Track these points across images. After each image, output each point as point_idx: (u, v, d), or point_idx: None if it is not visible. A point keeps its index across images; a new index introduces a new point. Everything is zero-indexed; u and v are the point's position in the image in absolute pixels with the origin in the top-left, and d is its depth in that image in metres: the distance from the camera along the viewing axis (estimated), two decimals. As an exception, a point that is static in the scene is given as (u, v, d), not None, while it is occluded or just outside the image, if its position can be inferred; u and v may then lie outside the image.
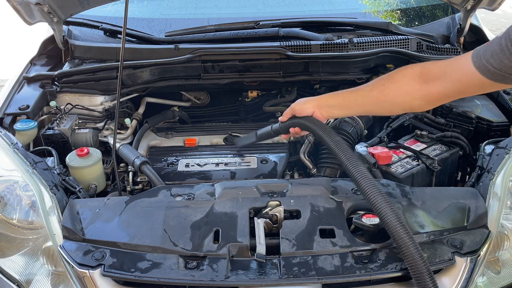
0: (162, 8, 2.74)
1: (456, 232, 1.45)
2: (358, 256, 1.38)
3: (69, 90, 2.15)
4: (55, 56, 2.39)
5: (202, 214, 1.50)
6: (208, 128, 2.29)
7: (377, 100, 1.56)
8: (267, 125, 2.27)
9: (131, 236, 1.43)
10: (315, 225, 1.44)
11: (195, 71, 2.21)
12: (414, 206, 1.52)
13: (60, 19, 2.18)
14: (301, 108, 1.67)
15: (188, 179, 1.89)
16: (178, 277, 1.32)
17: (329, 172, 1.94)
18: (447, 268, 1.38)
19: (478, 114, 1.97)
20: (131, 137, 2.17)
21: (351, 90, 1.64)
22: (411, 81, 1.48)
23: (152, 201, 1.56)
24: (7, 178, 1.56)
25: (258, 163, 1.97)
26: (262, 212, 1.51)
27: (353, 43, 2.24)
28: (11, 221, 1.49)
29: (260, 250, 1.34)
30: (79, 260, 1.37)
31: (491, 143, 1.76)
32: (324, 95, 1.70)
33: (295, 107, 1.69)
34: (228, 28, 2.35)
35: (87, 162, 1.81)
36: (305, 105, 1.67)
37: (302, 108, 1.67)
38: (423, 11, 2.79)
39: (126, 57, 2.05)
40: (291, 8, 2.70)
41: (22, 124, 1.88)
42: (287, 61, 2.19)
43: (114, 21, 2.42)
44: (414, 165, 1.77)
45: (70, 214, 1.50)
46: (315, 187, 1.57)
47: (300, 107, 1.68)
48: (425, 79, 1.46)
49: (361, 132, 2.09)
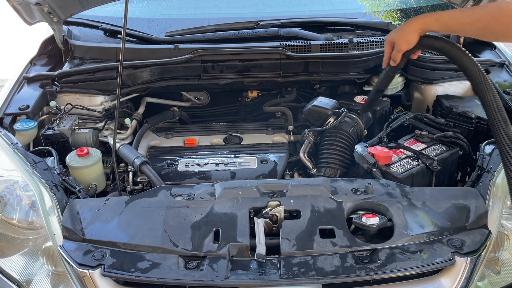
0: (162, 8, 2.74)
1: (456, 232, 1.45)
2: (358, 256, 1.38)
3: (69, 90, 2.15)
4: (55, 56, 2.39)
5: (202, 214, 1.50)
6: (208, 128, 2.29)
7: (484, 29, 1.49)
8: (267, 124, 2.29)
9: (131, 236, 1.43)
10: (315, 225, 1.44)
11: (195, 71, 2.21)
12: (414, 206, 1.52)
13: (60, 19, 2.18)
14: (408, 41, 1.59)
15: (188, 179, 1.90)
16: (178, 277, 1.32)
17: (329, 172, 1.94)
18: (447, 268, 1.38)
19: (478, 114, 1.96)
20: (131, 137, 2.17)
21: (452, 15, 1.53)
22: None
23: (152, 201, 1.56)
24: (7, 178, 1.56)
25: (258, 163, 1.97)
26: (262, 212, 1.51)
27: (353, 43, 2.24)
28: (11, 221, 1.49)
29: (260, 250, 1.34)
30: (79, 260, 1.37)
31: (491, 143, 1.76)
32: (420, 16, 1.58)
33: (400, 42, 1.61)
34: (228, 28, 2.35)
35: (87, 162, 1.81)
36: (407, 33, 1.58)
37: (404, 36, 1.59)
38: (423, 11, 2.79)
39: (126, 57, 2.05)
40: (291, 8, 2.70)
41: (22, 124, 1.88)
42: (287, 61, 2.19)
43: (114, 21, 2.43)
44: (414, 165, 1.77)
45: (70, 214, 1.50)
46: (315, 187, 1.57)
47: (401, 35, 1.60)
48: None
49: (361, 132, 2.09)
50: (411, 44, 1.59)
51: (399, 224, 1.45)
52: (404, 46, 1.61)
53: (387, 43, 1.66)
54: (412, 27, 1.57)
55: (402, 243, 1.41)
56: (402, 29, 1.60)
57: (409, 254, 1.38)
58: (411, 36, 1.57)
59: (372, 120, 2.16)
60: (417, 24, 1.57)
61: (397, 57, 1.65)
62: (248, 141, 2.18)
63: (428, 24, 1.56)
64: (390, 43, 1.65)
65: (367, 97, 2.05)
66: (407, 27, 1.58)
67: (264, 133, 2.24)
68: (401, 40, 1.60)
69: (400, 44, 1.61)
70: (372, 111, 2.11)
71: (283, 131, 2.25)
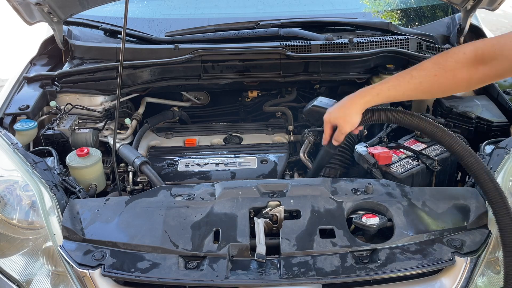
0: (162, 8, 2.74)
1: (456, 232, 1.45)
2: (358, 256, 1.38)
3: (69, 90, 2.15)
4: (55, 56, 2.39)
5: (202, 214, 1.50)
6: (208, 128, 2.29)
7: (429, 90, 1.47)
8: (267, 124, 2.28)
9: (131, 236, 1.43)
10: (315, 225, 1.44)
11: (195, 71, 2.21)
12: (414, 206, 1.52)
13: (60, 19, 2.18)
14: (352, 123, 1.56)
15: (188, 179, 1.90)
16: (178, 277, 1.32)
17: (329, 172, 1.93)
18: (447, 268, 1.38)
19: (478, 114, 1.96)
20: (131, 137, 2.17)
21: (392, 86, 1.51)
22: (467, 66, 1.39)
23: (152, 201, 1.56)
24: (7, 178, 1.56)
25: (258, 163, 1.97)
26: (262, 212, 1.51)
27: (353, 43, 2.24)
28: (11, 221, 1.49)
29: (260, 250, 1.34)
30: (79, 260, 1.37)
31: (491, 143, 1.76)
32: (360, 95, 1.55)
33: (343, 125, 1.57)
34: (228, 28, 2.35)
35: (87, 162, 1.81)
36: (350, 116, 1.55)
37: (347, 119, 1.56)
38: (423, 11, 2.79)
39: (126, 57, 2.05)
40: (291, 8, 2.70)
41: (22, 124, 1.88)
42: (287, 61, 2.19)
43: (114, 21, 2.42)
44: (414, 165, 1.77)
45: (70, 214, 1.50)
46: (315, 187, 1.57)
47: (343, 118, 1.56)
48: (481, 61, 1.37)
49: (361, 132, 2.09)
50: (355, 125, 1.57)
51: (399, 224, 1.45)
52: (348, 128, 1.58)
53: (327, 123, 1.62)
54: (354, 109, 1.54)
55: (402, 243, 1.41)
56: (344, 112, 1.56)
57: (409, 254, 1.38)
58: (354, 119, 1.55)
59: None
60: (358, 105, 1.54)
61: (341, 138, 1.62)
62: (248, 141, 2.18)
63: (369, 102, 1.53)
64: (329, 123, 1.61)
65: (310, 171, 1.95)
66: (349, 109, 1.55)
67: (264, 133, 2.24)
68: (345, 123, 1.57)
69: (344, 127, 1.57)
70: None
71: (283, 131, 2.25)
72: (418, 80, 1.47)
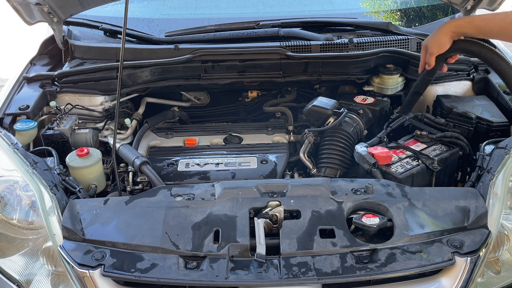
0: (162, 8, 2.74)
1: (456, 232, 1.45)
2: (358, 256, 1.38)
3: (69, 90, 2.15)
4: (55, 56, 2.39)
5: (202, 214, 1.50)
6: (208, 128, 2.29)
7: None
8: (267, 124, 2.28)
9: (131, 236, 1.43)
10: (315, 225, 1.44)
11: (195, 71, 2.21)
12: (414, 207, 1.52)
13: (60, 19, 2.19)
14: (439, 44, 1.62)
15: (188, 179, 1.89)
16: (178, 277, 1.32)
17: (329, 172, 1.94)
18: (447, 268, 1.38)
19: (478, 114, 1.97)
20: (131, 137, 2.17)
21: (485, 18, 1.57)
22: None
23: (152, 201, 1.56)
24: (7, 178, 1.56)
25: (258, 163, 1.97)
26: (262, 212, 1.51)
27: (353, 43, 2.24)
28: (11, 221, 1.49)
29: (260, 250, 1.34)
30: (79, 260, 1.37)
31: (491, 143, 1.76)
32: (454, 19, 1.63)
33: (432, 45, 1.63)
34: (228, 28, 2.35)
35: (87, 162, 1.81)
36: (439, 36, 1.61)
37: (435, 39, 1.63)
38: (423, 11, 2.79)
39: (126, 57, 2.05)
40: (291, 8, 2.70)
41: (22, 124, 1.88)
42: (287, 61, 2.19)
43: (114, 21, 2.43)
44: (414, 165, 1.77)
45: (70, 214, 1.50)
46: (315, 187, 1.57)
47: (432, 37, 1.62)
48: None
49: (361, 132, 2.09)
50: (442, 46, 1.61)
51: (399, 224, 1.45)
52: (435, 48, 1.63)
53: (423, 47, 1.69)
54: (443, 29, 1.60)
55: (402, 243, 1.41)
56: (435, 33, 1.63)
57: (409, 254, 1.38)
58: (442, 39, 1.60)
59: (372, 120, 2.16)
60: (449, 27, 1.59)
61: (431, 61, 1.67)
62: (248, 141, 2.18)
63: (460, 26, 1.58)
64: (424, 47, 1.67)
65: (405, 99, 2.06)
66: (439, 30, 1.61)
67: (264, 133, 2.24)
68: (433, 43, 1.63)
69: (431, 47, 1.63)
70: None
71: (283, 131, 2.25)
72: (511, 20, 1.49)
